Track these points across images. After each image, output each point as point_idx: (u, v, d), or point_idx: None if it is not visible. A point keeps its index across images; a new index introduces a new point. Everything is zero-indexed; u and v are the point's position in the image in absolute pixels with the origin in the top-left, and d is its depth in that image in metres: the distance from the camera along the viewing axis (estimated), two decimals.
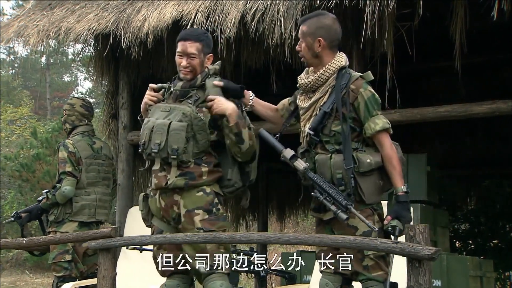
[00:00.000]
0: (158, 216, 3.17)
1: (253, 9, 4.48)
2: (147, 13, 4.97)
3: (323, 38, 2.98)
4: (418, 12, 4.00)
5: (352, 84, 2.95)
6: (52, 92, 25.96)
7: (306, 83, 3.04)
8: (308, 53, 3.02)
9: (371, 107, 2.94)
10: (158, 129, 3.08)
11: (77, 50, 6.15)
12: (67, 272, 4.35)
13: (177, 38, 3.18)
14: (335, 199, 2.84)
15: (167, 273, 3.15)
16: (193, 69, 3.13)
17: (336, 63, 2.99)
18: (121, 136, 5.89)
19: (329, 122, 2.95)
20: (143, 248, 4.16)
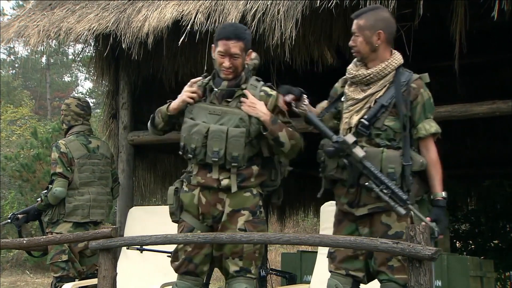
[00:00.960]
0: (193, 213, 3.08)
1: (253, 9, 4.48)
2: (147, 13, 4.97)
3: (383, 31, 2.93)
4: (418, 12, 4.00)
5: (413, 83, 2.92)
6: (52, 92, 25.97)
7: (365, 74, 2.97)
8: (366, 47, 2.96)
9: (427, 109, 2.92)
10: (215, 135, 2.98)
11: (78, 50, 6.18)
12: (64, 272, 4.34)
13: (217, 36, 3.03)
14: (394, 192, 2.77)
15: (183, 270, 3.06)
16: (235, 69, 3.03)
17: (397, 59, 2.97)
18: (122, 136, 5.89)
19: (383, 116, 2.90)
20: (143, 248, 4.16)
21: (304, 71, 5.19)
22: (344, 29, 4.73)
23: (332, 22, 4.68)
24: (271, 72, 5.14)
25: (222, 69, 3.03)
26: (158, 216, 4.72)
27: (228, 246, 2.99)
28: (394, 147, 2.89)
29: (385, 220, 2.87)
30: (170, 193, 3.13)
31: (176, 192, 3.12)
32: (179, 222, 3.12)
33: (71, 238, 3.72)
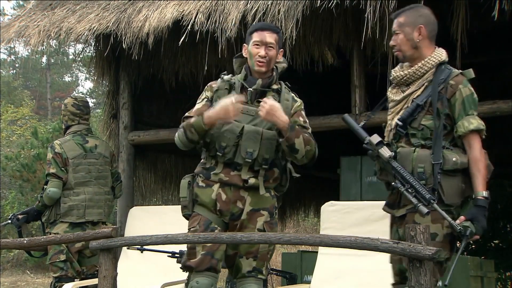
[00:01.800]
0: (210, 207, 3.03)
1: (254, 9, 4.48)
2: (147, 13, 4.97)
3: (424, 26, 2.89)
4: None
5: (451, 80, 2.86)
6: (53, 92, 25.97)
7: (402, 75, 2.94)
8: (407, 44, 2.92)
9: (468, 105, 2.84)
10: (251, 136, 2.96)
11: (78, 50, 6.16)
12: (63, 272, 4.34)
13: (251, 30, 3.06)
14: (418, 191, 2.75)
15: (205, 266, 2.98)
16: (269, 60, 3.00)
17: (436, 57, 2.91)
18: (122, 136, 5.89)
19: (420, 115, 2.86)
20: (144, 248, 4.16)
21: (305, 71, 5.19)
22: (344, 29, 4.74)
23: (332, 22, 4.68)
24: None
25: (257, 59, 2.99)
26: (158, 216, 4.74)
27: (244, 245, 2.96)
28: (428, 146, 2.85)
29: (418, 220, 2.83)
30: (184, 185, 3.08)
31: (189, 185, 3.08)
32: (192, 216, 3.07)
33: (71, 238, 3.72)
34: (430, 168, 2.80)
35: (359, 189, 5.80)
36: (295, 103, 3.11)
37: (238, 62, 3.16)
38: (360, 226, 4.00)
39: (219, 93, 3.06)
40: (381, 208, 4.02)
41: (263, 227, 3.02)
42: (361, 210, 4.13)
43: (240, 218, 3.02)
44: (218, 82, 3.10)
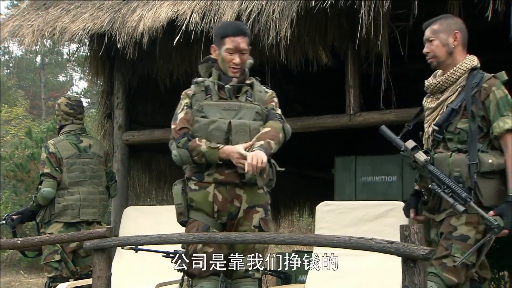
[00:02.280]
0: (207, 211, 3.03)
1: (248, 9, 4.48)
2: (142, 13, 4.97)
3: (459, 32, 2.98)
4: (413, 12, 4.01)
5: (484, 83, 2.92)
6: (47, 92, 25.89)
7: (435, 83, 3.02)
8: (442, 50, 3.00)
9: (502, 106, 2.89)
10: (240, 130, 2.99)
11: (72, 50, 6.16)
12: (57, 272, 4.33)
13: (222, 34, 3.06)
14: (454, 191, 2.81)
15: (209, 272, 2.98)
16: (243, 65, 3.07)
17: (468, 62, 2.98)
18: (116, 136, 5.88)
19: (455, 120, 2.93)
20: (138, 248, 4.15)
21: (299, 71, 5.19)
22: (339, 29, 4.74)
23: (327, 22, 4.68)
24: (265, 72, 5.14)
25: (231, 66, 3.05)
26: (153, 216, 4.73)
27: (239, 245, 2.95)
28: (464, 150, 2.91)
29: (453, 222, 2.91)
30: (178, 192, 3.07)
31: (182, 191, 3.07)
32: (189, 223, 3.06)
33: (65, 238, 3.71)
34: (466, 171, 2.87)
35: (354, 189, 5.82)
36: (267, 93, 3.17)
37: (204, 67, 3.20)
38: (354, 226, 4.01)
39: (196, 97, 3.08)
40: (375, 207, 4.06)
41: (259, 223, 3.03)
42: (356, 210, 4.14)
43: (238, 216, 3.03)
44: (192, 87, 3.12)
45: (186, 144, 2.99)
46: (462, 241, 2.87)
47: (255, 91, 3.12)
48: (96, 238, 3.25)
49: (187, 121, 3.04)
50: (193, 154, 2.98)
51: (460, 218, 2.89)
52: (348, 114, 4.92)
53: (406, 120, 4.76)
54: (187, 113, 3.06)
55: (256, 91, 3.13)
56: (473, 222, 2.87)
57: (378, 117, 4.84)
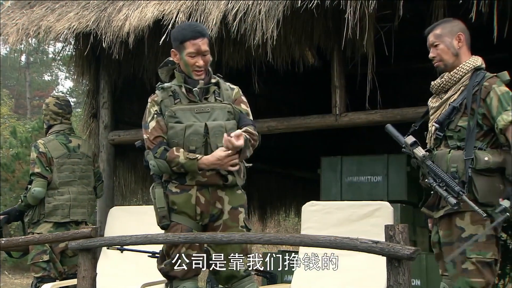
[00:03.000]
0: (190, 213, 3.01)
1: (234, 9, 4.48)
2: (128, 12, 4.95)
3: (462, 33, 3.02)
4: (398, 13, 4.03)
5: (485, 82, 2.95)
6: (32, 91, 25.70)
7: (439, 82, 3.06)
8: (448, 53, 3.03)
9: (505, 101, 2.89)
10: (217, 131, 2.97)
11: (58, 49, 6.12)
12: (45, 272, 4.31)
13: (181, 38, 3.01)
14: (448, 184, 2.85)
15: (192, 274, 2.98)
16: (206, 67, 3.06)
17: (471, 62, 3.01)
18: (102, 135, 5.86)
19: (456, 117, 2.96)
20: (124, 248, 4.14)
21: (285, 71, 5.20)
22: (325, 30, 4.76)
23: (313, 22, 4.70)
24: (252, 72, 5.15)
25: (195, 69, 3.03)
26: (138, 216, 4.71)
27: (233, 246, 2.92)
28: (463, 147, 2.94)
29: (459, 224, 2.93)
30: (160, 195, 3.03)
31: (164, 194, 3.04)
32: (171, 226, 3.03)
33: (50, 238, 3.69)
34: (462, 167, 2.90)
35: (339, 189, 5.83)
36: (234, 91, 3.15)
37: (165, 71, 3.19)
38: (340, 226, 4.02)
39: (165, 103, 3.05)
40: (361, 207, 4.08)
41: (245, 223, 3.04)
42: (341, 210, 4.15)
43: (221, 218, 3.02)
44: (159, 94, 3.09)
45: (164, 155, 2.97)
46: (473, 241, 2.87)
47: (222, 90, 3.11)
48: (81, 238, 3.23)
49: (160, 129, 3.01)
50: (171, 165, 2.96)
51: (465, 217, 2.91)
52: (334, 114, 4.93)
53: (392, 120, 4.81)
54: (158, 121, 3.03)
55: (223, 89, 3.11)
56: (478, 219, 2.87)
57: (364, 117, 4.86)
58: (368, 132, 7.65)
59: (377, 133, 5.51)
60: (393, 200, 4.79)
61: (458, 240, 2.92)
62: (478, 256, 2.88)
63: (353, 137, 7.69)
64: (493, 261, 2.91)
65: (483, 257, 2.88)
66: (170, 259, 3.00)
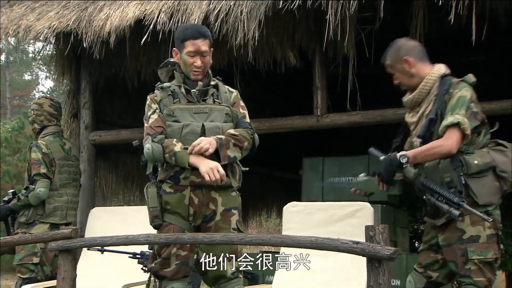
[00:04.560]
0: (182, 213, 3.02)
1: (216, 9, 4.48)
2: (109, 12, 4.93)
3: (408, 55, 3.09)
4: (379, 15, 4.06)
5: (452, 88, 3.01)
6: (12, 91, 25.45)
7: (410, 98, 3.12)
8: (405, 77, 3.11)
9: (455, 106, 2.95)
10: (213, 132, 2.98)
11: (38, 48, 6.07)
12: (33, 274, 4.30)
13: (183, 37, 3.05)
14: (446, 197, 2.89)
15: (181, 275, 3.00)
16: (205, 68, 3.07)
17: (435, 72, 3.08)
18: (83, 136, 5.82)
19: (436, 128, 2.99)
20: (104, 249, 4.12)
21: (267, 72, 5.21)
22: (307, 31, 4.77)
23: (295, 23, 4.71)
24: (234, 72, 5.15)
25: (193, 69, 3.05)
26: (119, 216, 4.70)
27: (222, 247, 2.93)
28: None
29: (459, 225, 2.98)
30: (153, 195, 3.03)
31: (157, 194, 3.04)
32: (164, 226, 3.03)
33: (30, 239, 3.67)
34: (455, 175, 2.94)
35: (321, 190, 5.85)
36: (232, 94, 3.18)
37: (164, 72, 3.19)
38: (322, 226, 4.04)
39: (164, 102, 3.07)
40: (342, 208, 4.10)
41: (237, 226, 3.04)
42: (323, 211, 4.17)
43: (214, 220, 3.02)
44: (158, 93, 3.10)
45: (162, 140, 2.98)
46: (474, 242, 2.95)
47: (221, 93, 3.13)
48: (61, 239, 3.21)
49: (162, 122, 3.04)
50: (165, 151, 2.96)
51: (465, 219, 2.96)
52: (316, 115, 4.95)
53: (373, 121, 4.84)
54: (159, 115, 3.05)
55: (221, 92, 3.14)
56: (478, 220, 2.94)
57: (345, 118, 4.88)
58: (349, 133, 7.70)
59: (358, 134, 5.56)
60: (374, 201, 4.82)
61: (459, 241, 2.98)
62: (479, 257, 2.95)
63: (335, 138, 7.72)
64: (494, 260, 3.00)
65: (484, 257, 2.95)
66: (161, 259, 3.01)
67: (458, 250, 2.98)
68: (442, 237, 3.07)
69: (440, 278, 3.15)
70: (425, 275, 3.16)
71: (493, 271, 3.01)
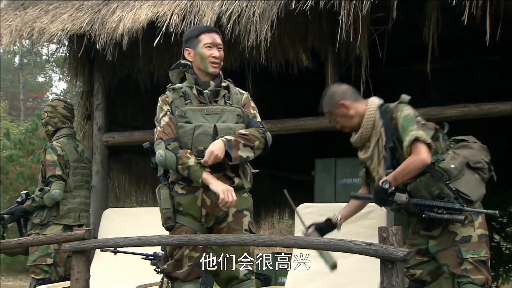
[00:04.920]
0: (195, 215, 3.02)
1: (228, 11, 4.48)
2: (122, 14, 4.94)
3: (342, 100, 3.20)
4: (392, 15, 4.04)
5: (393, 113, 3.12)
6: (26, 93, 25.65)
7: (357, 137, 3.23)
8: (345, 120, 3.25)
9: (406, 126, 3.07)
10: (226, 133, 2.99)
11: (51, 50, 6.11)
12: (46, 275, 4.33)
13: (197, 32, 3.12)
14: (446, 207, 2.98)
15: (193, 276, 3.01)
16: (221, 61, 3.10)
17: (371, 106, 3.19)
18: (96, 137, 5.84)
19: (399, 153, 3.08)
20: (117, 250, 4.13)
21: (279, 73, 5.20)
22: (319, 31, 4.76)
23: (307, 24, 4.70)
24: (246, 74, 5.15)
25: (211, 61, 3.06)
26: (132, 218, 4.71)
27: (235, 248, 2.94)
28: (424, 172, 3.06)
29: (451, 229, 3.10)
30: (166, 196, 3.03)
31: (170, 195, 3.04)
32: (176, 227, 3.04)
33: (44, 240, 3.69)
34: (442, 185, 3.04)
35: (334, 191, 5.84)
36: (243, 96, 3.20)
37: (175, 73, 3.21)
38: None
39: (175, 103, 3.08)
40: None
41: (249, 227, 3.04)
42: (336, 212, 4.15)
43: (226, 221, 3.02)
44: (169, 94, 3.11)
45: (177, 150, 2.98)
46: (466, 242, 3.06)
47: (232, 94, 3.14)
48: (75, 240, 3.23)
49: (173, 125, 3.04)
50: (179, 162, 2.97)
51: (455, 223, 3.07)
52: None
53: None
54: (170, 118, 3.06)
55: (233, 93, 3.15)
56: (468, 221, 3.06)
57: None
58: None
59: None
60: None
61: (453, 243, 3.09)
62: (473, 256, 3.04)
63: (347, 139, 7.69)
64: (487, 259, 3.09)
65: (478, 256, 3.05)
66: (173, 261, 3.01)
67: (453, 252, 3.08)
68: (435, 242, 3.15)
69: (424, 274, 3.24)
70: (408, 274, 3.21)
71: (488, 270, 3.09)
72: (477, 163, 3.13)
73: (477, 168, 3.12)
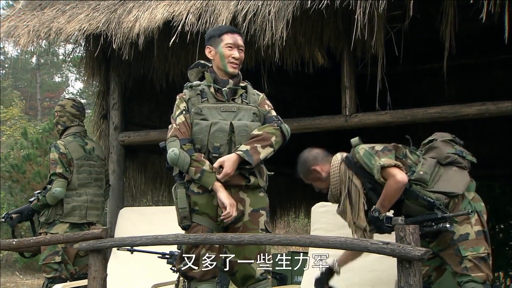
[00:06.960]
0: (211, 214, 3.03)
1: (244, 10, 4.48)
2: (138, 13, 4.96)
3: (314, 165, 3.39)
4: (408, 13, 4.02)
5: (354, 159, 3.27)
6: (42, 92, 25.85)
7: (331, 194, 3.38)
8: (320, 183, 3.42)
9: (368, 162, 3.23)
10: (242, 131, 3.01)
11: (68, 50, 6.15)
12: (57, 273, 4.34)
13: (219, 32, 3.16)
14: (432, 219, 3.08)
15: (210, 276, 3.01)
16: (240, 63, 3.14)
17: (334, 163, 3.35)
18: (112, 137, 5.87)
19: (379, 189, 3.19)
20: (134, 249, 4.15)
21: (295, 72, 5.20)
22: (335, 30, 4.75)
23: (323, 23, 4.69)
24: (261, 73, 5.15)
25: (231, 60, 3.09)
26: (148, 217, 4.73)
27: (251, 247, 2.95)
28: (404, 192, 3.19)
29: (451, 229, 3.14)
30: (182, 195, 3.03)
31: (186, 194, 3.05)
32: (192, 227, 3.04)
33: (61, 239, 3.71)
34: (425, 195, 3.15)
35: None
36: (259, 96, 3.22)
37: (194, 72, 3.24)
38: None
39: (192, 101, 3.09)
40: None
41: (265, 226, 3.04)
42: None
43: (242, 220, 3.02)
44: (187, 92, 3.12)
45: (192, 151, 2.99)
46: (464, 240, 3.13)
47: (249, 94, 3.16)
48: (92, 239, 3.25)
49: (188, 125, 3.05)
50: (193, 164, 2.97)
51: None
52: (344, 115, 4.92)
53: (402, 121, 4.79)
54: (186, 117, 3.07)
55: (250, 94, 3.17)
56: (464, 219, 3.15)
57: (374, 118, 4.84)
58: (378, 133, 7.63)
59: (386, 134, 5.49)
60: None
61: (451, 242, 3.17)
62: (472, 253, 3.11)
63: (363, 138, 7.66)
64: (487, 255, 3.15)
65: (477, 253, 3.11)
66: (190, 259, 3.01)
67: (453, 251, 3.14)
68: (434, 243, 3.22)
69: (430, 270, 3.32)
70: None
71: (489, 267, 3.14)
72: (446, 158, 3.24)
73: (449, 162, 3.23)
